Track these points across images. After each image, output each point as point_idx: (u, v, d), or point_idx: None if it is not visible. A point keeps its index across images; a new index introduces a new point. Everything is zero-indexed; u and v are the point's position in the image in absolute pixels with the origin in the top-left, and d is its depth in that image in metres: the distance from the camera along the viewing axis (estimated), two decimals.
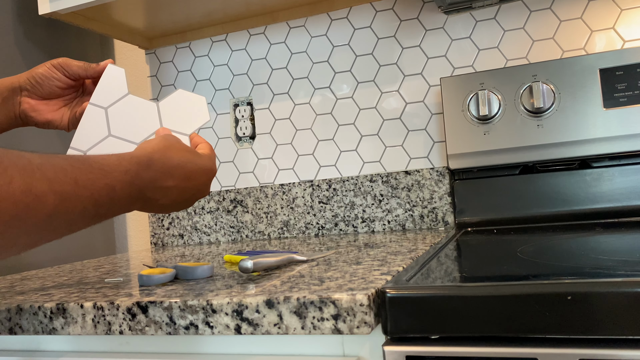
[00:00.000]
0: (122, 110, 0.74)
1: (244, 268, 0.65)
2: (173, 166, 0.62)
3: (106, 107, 0.73)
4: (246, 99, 1.32)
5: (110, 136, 0.73)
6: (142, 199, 0.60)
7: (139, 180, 0.59)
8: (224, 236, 1.33)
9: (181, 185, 0.64)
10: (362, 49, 1.22)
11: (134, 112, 0.74)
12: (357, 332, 0.50)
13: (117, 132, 0.73)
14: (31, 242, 0.48)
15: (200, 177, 0.66)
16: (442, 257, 0.69)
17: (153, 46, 1.40)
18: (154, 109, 0.75)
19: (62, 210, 0.49)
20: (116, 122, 0.74)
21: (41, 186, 0.46)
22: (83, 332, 0.60)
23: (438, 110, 1.17)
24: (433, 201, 1.15)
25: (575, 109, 0.99)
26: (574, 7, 1.08)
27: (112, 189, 0.55)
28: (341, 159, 1.24)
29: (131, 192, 0.58)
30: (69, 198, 0.49)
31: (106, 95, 0.74)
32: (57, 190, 0.48)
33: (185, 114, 0.75)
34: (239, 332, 0.54)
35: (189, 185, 0.65)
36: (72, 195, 0.50)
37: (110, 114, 0.73)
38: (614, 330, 0.44)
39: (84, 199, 0.51)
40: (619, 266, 0.52)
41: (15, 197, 0.44)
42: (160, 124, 0.74)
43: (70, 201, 0.49)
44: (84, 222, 0.53)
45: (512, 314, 0.46)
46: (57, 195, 0.48)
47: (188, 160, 0.64)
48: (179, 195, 0.64)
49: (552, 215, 1.01)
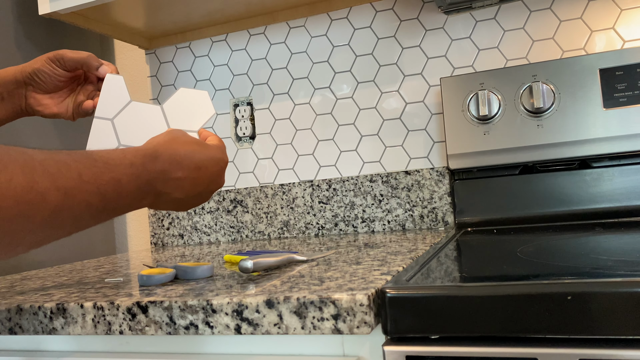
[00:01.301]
0: (128, 118, 0.75)
1: (244, 268, 0.65)
2: (181, 156, 0.61)
3: (111, 118, 0.74)
4: (246, 99, 1.32)
5: (121, 146, 0.74)
6: (153, 193, 0.59)
7: (147, 173, 0.57)
8: (224, 236, 1.33)
9: (192, 175, 0.62)
10: (362, 49, 1.22)
11: (139, 118, 0.75)
12: (357, 332, 0.50)
13: (126, 141, 0.74)
14: (37, 240, 0.47)
15: (211, 166, 0.64)
16: (442, 257, 0.69)
17: (153, 46, 1.40)
18: (158, 111, 0.75)
19: (67, 206, 0.48)
20: (124, 131, 0.75)
21: (44, 182, 0.45)
22: (83, 332, 0.60)
23: (438, 110, 1.17)
24: (433, 201, 1.15)
25: (575, 109, 0.99)
26: (574, 7, 1.08)
27: (118, 183, 0.53)
28: (341, 159, 1.24)
29: (139, 185, 0.56)
30: (73, 193, 0.48)
31: (110, 106, 0.74)
32: (61, 185, 0.47)
33: (190, 111, 0.76)
34: (239, 332, 0.54)
35: (201, 175, 0.63)
36: (77, 190, 0.48)
37: (116, 124, 0.74)
38: (614, 330, 0.44)
39: (89, 193, 0.50)
40: (619, 266, 0.52)
41: (17, 195, 0.43)
42: (167, 125, 0.75)
43: (74, 196, 0.48)
44: (92, 217, 0.52)
45: (512, 314, 0.46)
46: (61, 191, 0.47)
47: (196, 151, 0.63)
48: (192, 187, 0.62)
49: (552, 215, 1.01)
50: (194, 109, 0.76)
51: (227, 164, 0.67)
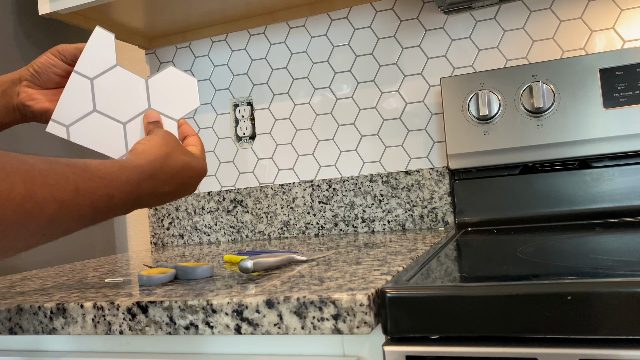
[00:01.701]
0: (109, 83, 0.70)
1: (244, 268, 0.65)
2: (172, 174, 0.64)
3: (92, 77, 0.70)
4: (246, 99, 1.32)
5: (95, 112, 0.70)
6: (137, 205, 0.62)
7: (139, 190, 0.60)
8: (224, 236, 1.33)
9: (176, 189, 0.66)
10: (362, 49, 1.22)
11: (121, 86, 0.70)
12: (357, 332, 0.50)
13: (103, 108, 0.70)
14: (28, 245, 0.49)
15: (194, 180, 0.68)
16: (442, 257, 0.69)
17: (153, 46, 1.40)
18: (142, 85, 0.71)
19: (61, 217, 0.50)
20: (102, 96, 0.70)
21: (42, 193, 0.47)
22: (83, 332, 0.60)
23: (438, 110, 1.17)
24: (433, 201, 1.15)
25: (575, 109, 0.99)
26: (574, 7, 1.08)
27: (111, 198, 0.56)
28: (341, 159, 1.24)
29: (128, 201, 0.59)
30: (69, 205, 0.50)
31: (93, 64, 0.69)
32: (58, 197, 0.48)
33: (174, 96, 0.72)
34: (239, 332, 0.54)
35: (182, 188, 0.67)
36: (72, 203, 0.50)
37: (96, 86, 0.70)
38: (614, 330, 0.44)
39: (83, 207, 0.52)
40: (619, 266, 0.52)
41: (16, 203, 0.44)
42: (148, 103, 0.71)
43: (69, 208, 0.50)
44: (80, 227, 0.54)
45: (512, 314, 0.46)
46: (58, 203, 0.48)
47: (186, 165, 0.66)
48: (170, 197, 0.66)
49: (552, 215, 1.01)
50: (179, 94, 0.72)
51: (206, 173, 0.71)
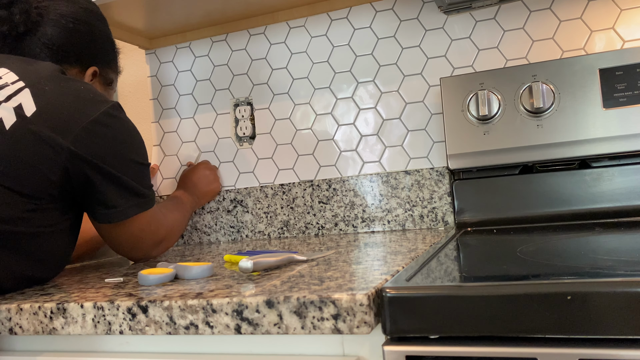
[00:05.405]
0: None
1: (244, 268, 0.65)
2: (202, 190, 1.31)
3: None
4: (246, 99, 1.32)
5: None
6: (196, 207, 1.30)
7: (194, 203, 1.27)
8: (224, 236, 1.33)
9: (204, 190, 1.31)
10: (362, 49, 1.22)
11: None
12: (357, 332, 0.50)
13: None
14: (175, 241, 1.06)
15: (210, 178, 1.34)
16: (442, 257, 0.69)
17: (153, 46, 1.40)
18: None
19: (182, 226, 1.12)
20: None
21: (173, 225, 1.04)
22: (83, 332, 0.60)
23: (438, 110, 1.17)
24: (433, 201, 1.15)
25: (575, 109, 0.99)
26: (574, 7, 1.08)
27: (188, 211, 1.21)
28: (341, 159, 1.24)
29: (191, 209, 1.24)
30: (181, 225, 1.12)
31: None
32: (178, 219, 1.10)
33: None
34: (239, 332, 0.54)
35: (207, 189, 1.32)
36: (180, 220, 1.12)
37: None
38: (614, 330, 0.44)
39: (184, 219, 1.15)
40: (619, 266, 0.52)
41: (173, 226, 1.04)
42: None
43: (181, 223, 1.12)
44: (186, 226, 1.22)
45: (512, 314, 0.46)
46: (177, 221, 1.09)
47: (207, 179, 1.32)
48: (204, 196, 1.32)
49: (552, 215, 1.01)
50: None
51: (213, 171, 1.34)
